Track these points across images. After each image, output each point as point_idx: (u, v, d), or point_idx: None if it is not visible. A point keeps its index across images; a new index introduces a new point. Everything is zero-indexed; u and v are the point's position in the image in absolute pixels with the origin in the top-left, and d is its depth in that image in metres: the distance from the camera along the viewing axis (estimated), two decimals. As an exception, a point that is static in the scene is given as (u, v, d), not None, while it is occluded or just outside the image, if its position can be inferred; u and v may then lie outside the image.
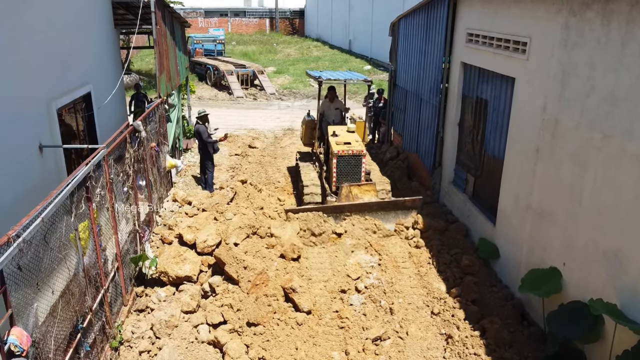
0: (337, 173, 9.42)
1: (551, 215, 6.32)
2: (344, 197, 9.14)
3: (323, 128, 10.87)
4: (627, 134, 4.95)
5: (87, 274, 5.57)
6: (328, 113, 11.12)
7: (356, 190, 9.16)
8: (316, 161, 10.96)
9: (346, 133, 10.12)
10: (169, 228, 8.56)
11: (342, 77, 10.87)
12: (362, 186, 9.23)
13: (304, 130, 11.72)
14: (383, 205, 8.96)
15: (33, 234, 4.17)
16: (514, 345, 6.16)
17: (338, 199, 9.20)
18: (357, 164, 9.42)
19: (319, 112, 10.99)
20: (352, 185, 9.17)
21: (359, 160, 9.40)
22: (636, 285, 4.88)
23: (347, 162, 9.37)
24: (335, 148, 9.42)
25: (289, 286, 6.79)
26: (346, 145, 9.49)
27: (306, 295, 6.81)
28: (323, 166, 10.46)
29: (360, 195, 9.15)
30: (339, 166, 9.38)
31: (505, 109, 7.52)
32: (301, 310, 6.70)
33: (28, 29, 6.39)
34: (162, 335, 6.33)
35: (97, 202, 5.91)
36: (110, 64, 9.83)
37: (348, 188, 9.15)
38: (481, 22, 8.25)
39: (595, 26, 5.37)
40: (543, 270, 6.33)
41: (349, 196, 9.12)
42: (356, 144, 9.58)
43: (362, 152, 9.40)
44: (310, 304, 6.75)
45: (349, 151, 9.34)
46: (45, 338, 4.56)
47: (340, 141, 9.65)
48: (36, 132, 6.37)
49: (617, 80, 5.07)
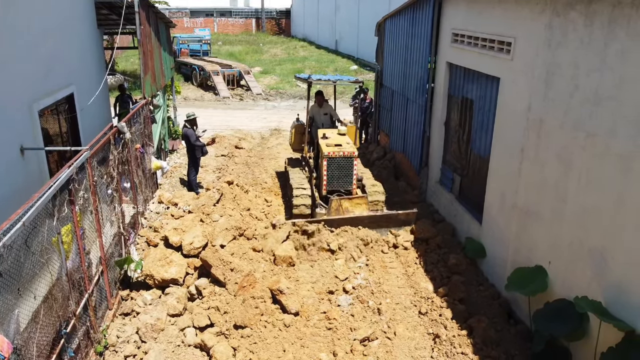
0: (327, 176, 8.91)
1: (537, 214, 6.36)
2: (333, 211, 8.67)
3: (312, 132, 10.44)
4: (610, 133, 4.99)
5: (71, 278, 5.48)
6: (317, 118, 10.71)
7: (347, 204, 8.71)
8: (306, 166, 10.48)
9: (337, 136, 9.69)
10: (154, 230, 8.47)
11: (333, 78, 10.65)
12: (353, 199, 8.76)
13: (293, 135, 11.25)
14: (375, 219, 8.49)
15: (14, 238, 4.08)
16: (500, 344, 6.19)
17: (328, 212, 8.70)
18: (349, 167, 8.92)
19: (308, 116, 10.49)
20: (342, 198, 8.71)
21: (350, 162, 8.90)
22: (621, 283, 4.93)
23: (337, 164, 8.88)
24: (325, 150, 8.93)
25: (277, 288, 6.76)
26: (337, 147, 9.03)
27: (294, 297, 6.78)
28: (313, 172, 9.98)
29: (351, 208, 8.69)
30: (329, 169, 8.88)
31: (490, 108, 7.56)
32: (289, 312, 6.67)
33: (9, 29, 6.27)
34: (148, 339, 6.26)
35: (81, 205, 5.82)
36: (94, 65, 9.70)
37: (338, 201, 8.68)
38: (466, 22, 8.29)
39: (578, 26, 5.41)
40: (529, 269, 6.36)
41: (339, 210, 8.67)
42: (347, 146, 9.14)
43: (353, 153, 8.91)
44: (298, 305, 6.72)
45: (339, 153, 8.86)
46: (28, 344, 4.47)
47: (330, 143, 9.22)
48: (17, 134, 6.26)
49: (600, 79, 5.11)
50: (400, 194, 10.48)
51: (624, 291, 4.87)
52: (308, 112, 10.44)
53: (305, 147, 10.61)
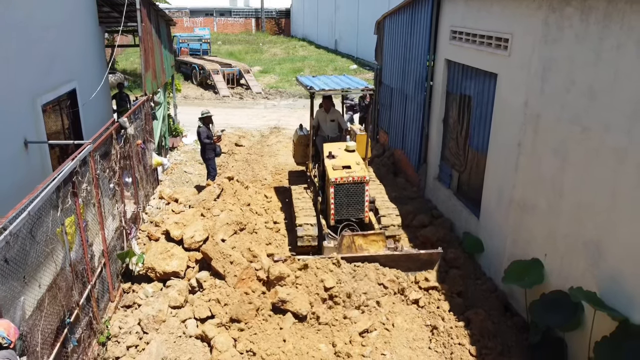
0: (335, 204, 7.85)
1: (533, 208, 6.45)
2: (345, 248, 7.49)
3: (318, 144, 9.28)
4: (605, 127, 5.09)
5: (74, 269, 5.56)
6: (323, 126, 9.52)
7: (360, 241, 7.53)
8: (310, 185, 9.35)
9: (345, 153, 8.48)
10: (155, 225, 8.54)
11: (338, 85, 8.80)
12: (368, 236, 7.56)
13: (295, 147, 10.00)
14: (393, 259, 7.29)
15: (20, 227, 4.17)
16: (497, 335, 6.28)
17: (338, 249, 7.50)
18: (360, 193, 7.85)
19: (312, 125, 9.17)
20: (355, 234, 7.53)
21: (361, 188, 7.83)
22: (614, 274, 5.02)
23: (346, 191, 7.83)
24: (332, 175, 7.84)
25: (277, 299, 6.57)
26: (345, 171, 7.91)
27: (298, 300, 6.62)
28: (318, 194, 8.78)
29: (365, 246, 7.51)
30: (337, 196, 7.81)
31: (488, 104, 7.65)
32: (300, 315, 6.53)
33: (13, 25, 6.36)
34: (149, 330, 6.34)
35: (84, 198, 5.90)
36: (95, 62, 9.79)
37: (350, 238, 7.49)
38: (465, 19, 8.38)
39: (574, 22, 5.51)
40: (526, 262, 6.45)
41: (351, 247, 7.51)
42: (357, 168, 8.00)
43: (364, 178, 7.82)
44: (307, 306, 6.59)
45: (348, 178, 7.77)
46: (33, 332, 4.55)
47: (338, 165, 8.06)
48: (21, 128, 6.35)
49: (595, 74, 5.21)
50: (399, 190, 10.57)
51: (618, 282, 4.97)
52: (312, 126, 9.18)
53: (310, 164, 9.51)
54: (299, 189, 9.09)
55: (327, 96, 9.40)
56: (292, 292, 6.69)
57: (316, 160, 9.43)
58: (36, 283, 4.70)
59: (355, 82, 9.03)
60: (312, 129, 9.21)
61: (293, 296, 6.62)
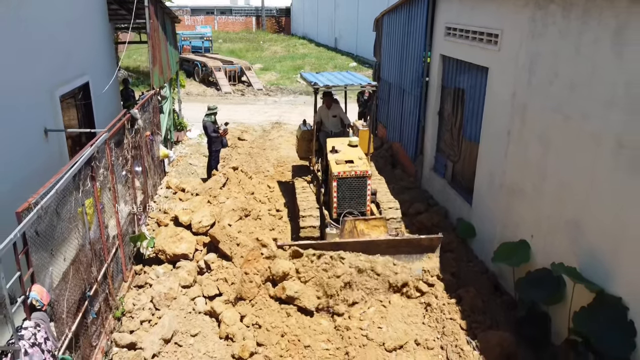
0: (338, 198, 7.99)
1: (521, 193, 6.89)
2: (347, 233, 7.65)
3: (321, 139, 9.46)
4: (583, 116, 5.52)
5: (93, 247, 6.00)
6: (326, 122, 9.71)
7: (362, 226, 7.68)
8: (314, 179, 9.52)
9: (348, 148, 8.63)
10: (164, 212, 8.98)
11: (342, 81, 8.97)
12: (370, 220, 7.72)
13: (298, 142, 10.23)
14: (394, 244, 7.38)
15: (49, 202, 4.60)
16: (487, 312, 6.71)
17: (340, 234, 7.70)
18: (362, 187, 7.98)
19: (315, 121, 9.34)
20: (357, 219, 7.70)
21: (363, 182, 7.96)
22: (593, 250, 5.45)
23: (349, 185, 7.96)
24: (335, 169, 7.99)
25: (286, 295, 6.68)
26: (348, 165, 8.06)
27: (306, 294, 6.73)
28: (321, 187, 8.99)
29: (367, 231, 7.65)
30: (340, 190, 7.96)
31: (480, 97, 8.08)
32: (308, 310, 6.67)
33: (32, 22, 6.78)
34: (161, 307, 6.78)
35: (101, 182, 6.33)
36: (105, 57, 10.22)
37: (352, 223, 7.66)
38: (459, 16, 8.81)
39: (557, 18, 5.94)
40: (514, 243, 6.89)
41: (353, 232, 7.66)
42: (360, 162, 8.15)
43: (367, 172, 7.95)
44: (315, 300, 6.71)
45: (351, 172, 7.89)
46: (59, 300, 4.98)
47: (340, 159, 8.20)
48: (42, 118, 6.78)
49: (575, 67, 5.64)
50: (396, 181, 11.01)
51: (595, 257, 5.40)
52: (315, 121, 9.35)
53: (313, 159, 9.66)
54: (302, 182, 9.27)
55: (328, 93, 9.60)
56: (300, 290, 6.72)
57: (319, 155, 9.59)
58: (61, 256, 5.13)
59: (357, 78, 9.21)
60: (315, 124, 9.39)
61: (300, 292, 6.69)
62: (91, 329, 5.83)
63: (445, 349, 6.21)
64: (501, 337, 6.08)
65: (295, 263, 7.07)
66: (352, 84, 8.89)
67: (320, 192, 8.86)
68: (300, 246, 7.24)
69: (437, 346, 6.26)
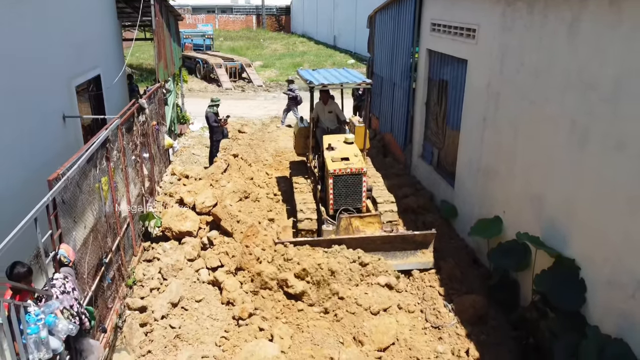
0: (334, 195, 8.20)
1: (495, 174, 7.58)
2: (342, 230, 7.89)
3: (317, 135, 9.62)
4: (545, 101, 6.21)
5: (108, 220, 6.70)
6: (322, 118, 9.81)
7: (357, 222, 7.92)
8: (311, 175, 9.68)
9: (344, 145, 8.81)
10: (169, 195, 9.69)
11: (337, 79, 9.04)
12: (365, 217, 7.99)
13: (296, 138, 10.33)
14: (389, 240, 7.68)
15: (74, 174, 5.30)
16: (464, 281, 7.41)
17: (336, 231, 7.94)
18: (357, 184, 8.20)
19: (312, 117, 9.54)
20: (352, 216, 7.97)
21: (358, 179, 8.18)
22: (552, 220, 6.14)
23: (345, 182, 8.17)
24: (331, 166, 8.20)
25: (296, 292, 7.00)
26: (344, 162, 8.27)
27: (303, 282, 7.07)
28: (318, 183, 9.16)
29: (362, 227, 7.91)
30: (335, 187, 8.17)
31: (461, 87, 8.76)
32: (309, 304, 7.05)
33: (52, 18, 7.50)
34: (169, 277, 7.48)
35: (114, 162, 7.04)
36: (114, 51, 10.93)
37: (347, 220, 7.91)
38: (442, 13, 9.50)
39: (523, 14, 6.63)
40: (489, 219, 7.58)
41: (348, 229, 7.90)
42: (355, 160, 8.35)
43: (362, 170, 8.17)
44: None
45: (346, 169, 8.12)
46: (81, 262, 5.69)
47: (336, 157, 8.41)
48: (61, 106, 7.50)
49: (538, 57, 6.33)
50: (387, 169, 11.70)
51: (554, 226, 6.09)
52: (311, 118, 9.59)
53: (310, 156, 9.84)
54: (299, 179, 9.47)
55: (325, 89, 9.47)
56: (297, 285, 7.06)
57: (316, 152, 9.71)
58: (82, 224, 5.83)
59: (353, 76, 9.35)
60: (312, 120, 9.56)
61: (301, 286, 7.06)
62: (107, 293, 6.53)
63: (424, 312, 6.91)
64: (474, 300, 6.79)
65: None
66: (348, 82, 8.94)
67: (317, 189, 9.06)
68: (297, 243, 7.60)
69: (417, 310, 6.95)
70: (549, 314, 5.91)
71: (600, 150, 5.25)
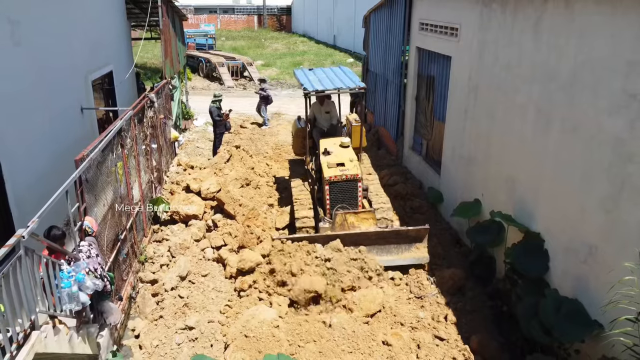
0: (330, 200, 8.40)
1: (474, 160, 8.28)
2: (338, 226, 8.11)
3: (314, 136, 9.68)
4: (515, 91, 6.91)
5: (123, 201, 7.43)
6: (319, 117, 9.81)
7: (352, 219, 8.14)
8: (309, 177, 9.71)
9: (340, 149, 8.89)
10: (176, 184, 10.41)
11: (332, 82, 9.00)
12: (360, 214, 8.19)
13: (293, 139, 10.33)
14: (383, 235, 7.87)
15: (95, 156, 6.02)
16: (446, 258, 8.13)
17: (332, 227, 8.18)
18: (353, 189, 8.38)
19: (308, 118, 9.46)
20: (347, 213, 8.17)
21: (354, 185, 8.35)
22: (522, 198, 6.84)
23: (340, 188, 8.37)
24: (327, 173, 8.36)
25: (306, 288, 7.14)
26: (339, 169, 8.40)
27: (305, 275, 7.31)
28: (315, 184, 9.28)
29: (357, 223, 8.11)
30: (332, 193, 8.37)
31: (446, 82, 9.47)
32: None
33: (72, 18, 8.25)
34: (177, 255, 8.21)
35: (128, 149, 7.76)
36: (125, 50, 11.67)
37: (343, 216, 8.13)
38: (429, 13, 10.20)
39: (497, 14, 7.33)
40: (469, 203, 8.28)
41: (344, 225, 8.11)
42: (351, 165, 8.47)
43: (357, 176, 8.33)
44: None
45: (342, 176, 8.30)
46: (101, 235, 6.41)
47: (332, 163, 8.51)
48: (79, 98, 8.24)
49: (509, 52, 7.03)
50: (380, 160, 12.42)
51: (524, 204, 6.79)
52: (308, 119, 9.49)
53: (307, 158, 9.87)
54: (297, 182, 9.51)
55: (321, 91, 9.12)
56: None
57: (313, 152, 9.77)
58: (102, 202, 6.56)
59: (348, 77, 9.26)
60: (309, 121, 9.52)
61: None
62: (122, 267, 7.26)
63: (409, 285, 7.62)
64: (453, 272, 7.51)
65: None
66: (342, 87, 8.81)
67: (315, 189, 9.21)
68: (295, 239, 7.87)
69: (402, 283, 7.67)
70: (518, 282, 6.61)
71: (559, 134, 5.95)
